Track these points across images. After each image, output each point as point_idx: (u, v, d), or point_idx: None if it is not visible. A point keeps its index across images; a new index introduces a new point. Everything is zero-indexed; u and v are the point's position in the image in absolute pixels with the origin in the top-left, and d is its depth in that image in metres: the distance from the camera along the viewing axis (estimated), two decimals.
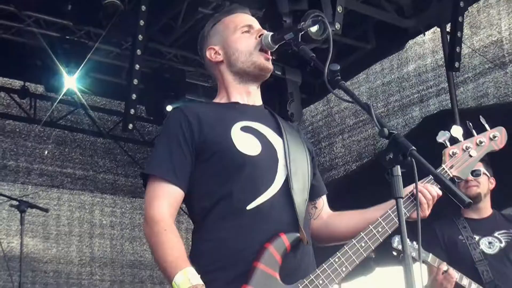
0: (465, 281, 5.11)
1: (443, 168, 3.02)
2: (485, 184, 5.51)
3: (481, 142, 3.11)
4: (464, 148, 3.07)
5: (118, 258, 11.47)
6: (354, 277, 10.05)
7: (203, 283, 2.58)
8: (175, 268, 2.59)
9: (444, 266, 5.10)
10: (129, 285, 11.45)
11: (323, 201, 3.17)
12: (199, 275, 2.59)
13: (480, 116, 3.22)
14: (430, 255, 5.05)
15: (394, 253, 5.21)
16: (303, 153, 3.01)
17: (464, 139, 3.09)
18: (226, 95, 3.09)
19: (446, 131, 3.08)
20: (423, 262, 5.16)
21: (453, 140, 3.06)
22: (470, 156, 3.07)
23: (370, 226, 2.81)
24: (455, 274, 5.09)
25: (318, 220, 3.11)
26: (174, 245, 2.67)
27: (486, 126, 3.14)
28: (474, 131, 3.12)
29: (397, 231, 2.58)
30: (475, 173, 5.37)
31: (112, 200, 11.65)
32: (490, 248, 5.35)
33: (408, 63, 10.55)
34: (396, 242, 5.15)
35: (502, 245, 5.34)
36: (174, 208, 2.79)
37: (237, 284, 2.63)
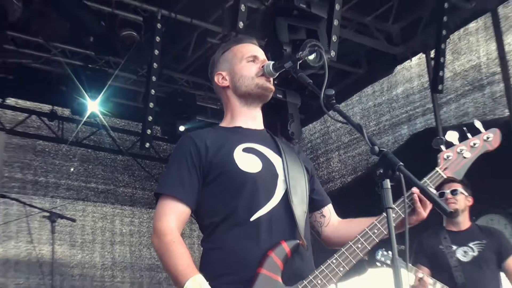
0: (439, 285, 5.24)
1: (437, 171, 2.95)
2: (462, 201, 5.59)
3: (475, 144, 3.02)
4: (458, 150, 3.00)
5: (137, 262, 11.47)
6: (348, 278, 9.93)
7: None
8: (186, 276, 2.57)
9: (420, 274, 5.21)
10: (147, 287, 11.46)
11: (329, 210, 3.14)
12: (208, 281, 2.59)
13: (475, 120, 3.15)
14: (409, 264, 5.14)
15: (378, 264, 5.36)
16: (301, 170, 2.98)
17: (458, 143, 3.03)
18: (232, 118, 3.08)
19: (441, 137, 3.03)
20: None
21: (449, 145, 3.00)
22: (464, 157, 3.00)
23: (366, 228, 2.78)
24: (429, 281, 5.21)
25: (329, 227, 3.09)
26: (182, 255, 2.65)
27: (481, 128, 3.07)
28: (468, 134, 3.05)
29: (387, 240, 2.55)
30: (453, 192, 5.53)
31: (131, 211, 11.66)
32: (465, 256, 5.46)
33: (397, 86, 10.51)
34: (379, 255, 5.32)
35: (475, 254, 5.45)
36: (181, 223, 2.79)
37: (241, 287, 2.63)
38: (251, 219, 2.74)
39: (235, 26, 7.21)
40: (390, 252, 5.20)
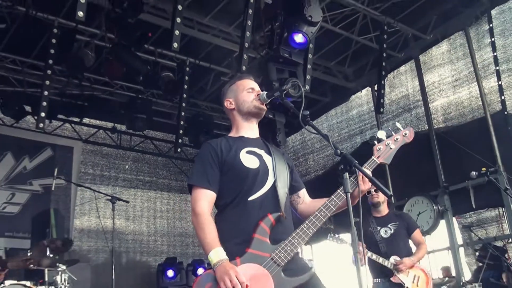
0: (370, 254, 5.34)
1: (373, 159, 2.87)
2: (382, 196, 5.62)
3: (397, 139, 2.92)
4: (386, 144, 2.90)
5: (172, 231, 11.45)
6: (320, 241, 9.78)
7: (227, 258, 2.55)
8: (210, 247, 2.57)
9: (359, 247, 5.27)
10: (179, 248, 11.38)
11: (303, 193, 3.06)
12: (221, 243, 2.60)
13: (396, 122, 3.09)
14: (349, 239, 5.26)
15: (331, 240, 5.54)
16: (285, 166, 2.93)
17: (386, 139, 2.93)
18: (237, 130, 3.02)
19: (374, 135, 2.97)
20: (347, 244, 5.44)
21: (380, 140, 2.91)
22: (391, 148, 2.90)
23: (326, 201, 2.74)
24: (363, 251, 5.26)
25: (303, 204, 3.02)
26: (210, 231, 2.63)
27: (400, 127, 2.98)
28: (392, 132, 2.95)
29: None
30: (375, 190, 5.50)
31: (168, 195, 11.61)
32: (385, 234, 5.51)
33: (352, 109, 10.57)
34: (328, 236, 5.51)
35: (392, 231, 5.51)
36: (211, 204, 2.77)
37: (243, 246, 2.62)
38: (249, 200, 2.73)
39: (240, 69, 7.19)
40: (336, 235, 5.50)
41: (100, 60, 8.14)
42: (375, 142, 2.95)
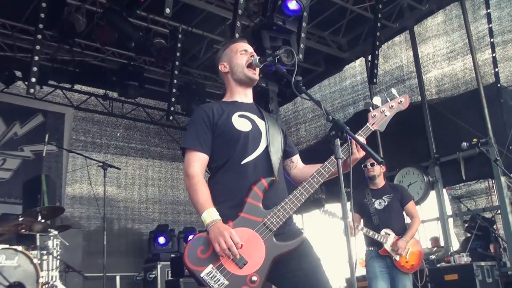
0: (360, 227, 5.44)
1: (367, 125, 2.85)
2: (378, 170, 5.65)
3: (392, 106, 2.90)
4: (381, 111, 2.88)
5: (164, 199, 11.49)
6: (310, 210, 9.92)
7: (220, 218, 2.57)
8: (203, 207, 2.59)
9: (350, 219, 5.30)
10: (171, 215, 11.44)
11: (296, 158, 3.08)
12: (214, 205, 2.62)
13: (392, 88, 3.05)
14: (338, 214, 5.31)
15: (323, 214, 5.49)
16: (278, 131, 2.94)
17: (381, 105, 2.90)
18: (230, 95, 3.02)
19: (369, 101, 2.95)
20: (339, 218, 5.41)
21: (374, 107, 2.89)
22: (386, 115, 2.88)
23: (319, 167, 2.73)
24: (353, 225, 5.33)
25: (295, 170, 3.04)
26: (203, 192, 2.64)
27: (396, 94, 2.95)
28: (388, 99, 2.94)
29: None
30: (372, 164, 5.61)
31: (159, 163, 11.62)
32: (379, 205, 5.56)
33: (346, 80, 10.57)
34: (321, 211, 5.48)
35: (386, 203, 5.56)
36: (203, 167, 2.77)
37: (235, 210, 2.63)
38: (242, 163, 2.73)
39: (233, 36, 7.21)
40: (328, 210, 5.47)
41: (92, 25, 8.05)
42: (370, 108, 2.93)
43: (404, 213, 5.65)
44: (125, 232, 10.73)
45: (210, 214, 2.57)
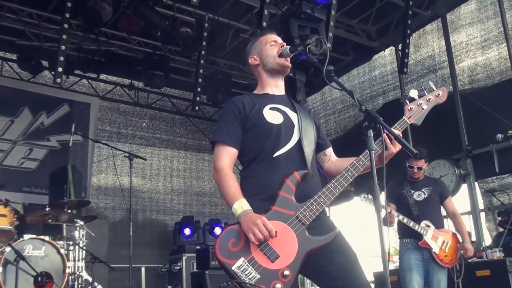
0: (401, 217, 5.38)
1: (403, 119, 2.85)
2: (422, 172, 5.69)
3: (429, 99, 2.90)
4: (418, 104, 2.88)
5: (189, 190, 11.51)
6: (339, 203, 10.13)
7: (251, 208, 2.57)
8: (233, 199, 2.59)
9: (389, 209, 5.35)
10: (196, 207, 11.47)
11: (330, 151, 3.07)
12: (246, 198, 2.62)
13: (430, 81, 3.05)
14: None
15: (363, 200, 5.36)
16: (311, 123, 2.95)
17: (418, 98, 2.90)
18: (261, 87, 3.03)
19: (406, 94, 2.92)
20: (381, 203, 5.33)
21: (411, 100, 2.89)
22: (423, 108, 2.88)
23: (354, 161, 2.73)
24: (395, 214, 5.36)
25: (329, 163, 3.04)
26: (232, 184, 2.65)
27: (434, 87, 2.95)
28: (425, 92, 2.94)
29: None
30: (419, 169, 5.62)
31: (184, 154, 11.64)
32: (418, 197, 5.58)
33: (375, 69, 10.48)
34: (362, 197, 5.34)
35: (425, 195, 5.59)
36: (232, 161, 2.78)
37: (267, 203, 2.63)
38: (274, 156, 2.74)
39: (260, 25, 7.26)
40: (369, 195, 5.33)
41: (118, 14, 8.11)
42: (407, 101, 2.92)
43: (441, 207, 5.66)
44: (150, 223, 10.80)
45: (241, 205, 2.57)
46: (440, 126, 8.41)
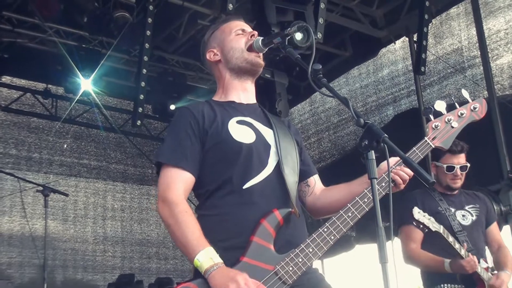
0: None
1: (425, 140, 2.90)
2: (464, 176, 5.26)
3: (462, 114, 2.96)
4: (446, 120, 2.93)
5: (128, 237, 11.50)
6: (336, 253, 10.16)
7: (222, 261, 2.55)
8: (197, 247, 2.56)
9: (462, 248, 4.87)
10: (138, 261, 11.44)
11: (314, 180, 3.10)
12: None
13: (463, 90, 3.10)
14: (441, 227, 4.82)
15: (414, 224, 4.92)
16: (291, 142, 2.97)
17: (447, 112, 2.94)
18: (224, 93, 3.06)
19: (430, 107, 2.97)
20: (435, 232, 4.85)
21: (437, 114, 2.93)
22: (452, 127, 2.94)
23: (356, 197, 2.73)
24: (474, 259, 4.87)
25: (311, 196, 3.05)
26: (193, 226, 2.63)
27: (468, 98, 3.00)
28: (456, 104, 2.98)
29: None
30: (463, 168, 5.17)
31: (122, 187, 11.67)
32: (464, 220, 5.19)
33: (383, 68, 10.55)
34: (416, 212, 4.85)
35: (474, 218, 5.21)
36: (187, 192, 2.77)
37: (235, 252, 2.63)
38: (244, 187, 2.74)
39: (225, 8, 7.23)
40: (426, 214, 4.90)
41: None
42: (431, 116, 2.96)
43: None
44: (74, 285, 10.71)
45: (210, 255, 2.54)
46: (472, 146, 8.43)
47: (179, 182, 2.74)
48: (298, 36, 6.98)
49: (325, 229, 2.68)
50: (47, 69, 9.80)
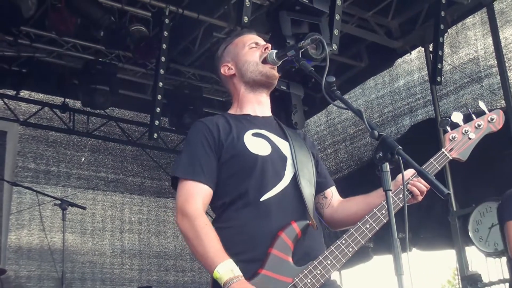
0: None
1: (443, 152, 2.92)
2: None
3: (479, 125, 2.97)
4: (463, 131, 2.94)
5: (145, 250, 11.45)
6: (354, 265, 10.15)
7: (242, 274, 2.55)
8: (218, 259, 2.57)
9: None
10: (155, 273, 11.39)
11: (331, 192, 3.11)
12: None
13: (480, 101, 3.10)
14: None
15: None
16: (307, 154, 2.98)
17: (464, 123, 2.96)
18: (239, 106, 3.08)
19: (447, 118, 2.97)
20: None
21: (454, 126, 2.95)
22: (470, 138, 2.95)
23: (374, 209, 2.76)
24: None
25: (329, 208, 3.07)
26: (213, 239, 2.64)
27: (485, 109, 3.00)
28: (473, 115, 2.99)
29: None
30: None
31: (139, 199, 11.64)
32: None
33: (398, 79, 10.52)
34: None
35: None
36: (206, 205, 2.80)
37: (253, 265, 2.63)
38: (261, 199, 2.76)
39: (240, 20, 7.22)
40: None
41: (44, 8, 8.09)
42: (448, 127, 2.98)
43: None
44: None
45: (229, 268, 2.55)
46: (489, 157, 8.38)
47: (197, 195, 2.77)
48: (312, 48, 6.97)
49: (343, 241, 2.70)
50: (64, 83, 9.80)
